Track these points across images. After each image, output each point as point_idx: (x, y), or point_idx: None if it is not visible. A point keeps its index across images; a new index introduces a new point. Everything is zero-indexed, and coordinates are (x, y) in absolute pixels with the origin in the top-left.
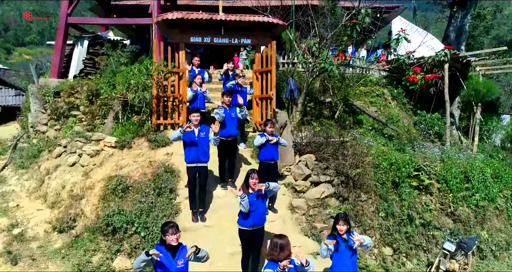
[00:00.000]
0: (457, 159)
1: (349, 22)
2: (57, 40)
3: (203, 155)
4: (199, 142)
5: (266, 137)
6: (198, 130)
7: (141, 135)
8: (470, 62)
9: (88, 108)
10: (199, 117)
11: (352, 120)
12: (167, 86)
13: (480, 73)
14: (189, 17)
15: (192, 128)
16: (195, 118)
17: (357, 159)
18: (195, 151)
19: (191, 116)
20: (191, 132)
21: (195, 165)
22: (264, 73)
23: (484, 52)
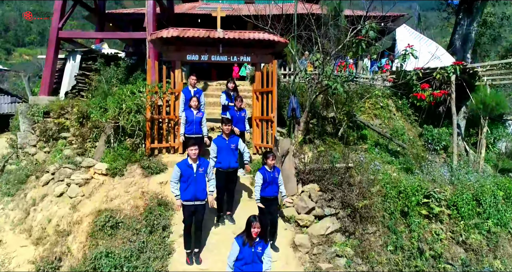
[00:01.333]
0: (467, 181)
1: (354, 39)
2: (48, 55)
3: (201, 192)
4: (197, 179)
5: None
6: (197, 166)
7: (134, 161)
8: (477, 72)
9: (79, 130)
10: (197, 151)
11: (356, 135)
12: (162, 106)
13: (487, 83)
14: (185, 35)
15: (190, 163)
16: (193, 152)
17: (363, 189)
18: (193, 189)
19: (189, 149)
20: (190, 167)
21: (192, 204)
22: (265, 93)
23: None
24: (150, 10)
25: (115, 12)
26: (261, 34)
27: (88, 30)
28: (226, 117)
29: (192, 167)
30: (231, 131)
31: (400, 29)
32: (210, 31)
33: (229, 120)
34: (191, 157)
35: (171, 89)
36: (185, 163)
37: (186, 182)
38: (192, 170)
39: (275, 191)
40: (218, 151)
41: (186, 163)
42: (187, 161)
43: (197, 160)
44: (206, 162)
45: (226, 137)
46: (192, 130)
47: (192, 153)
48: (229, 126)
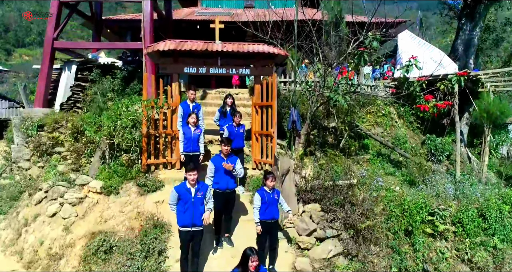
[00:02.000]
0: (472, 195)
1: (356, 50)
2: (43, 66)
3: (199, 218)
4: (195, 203)
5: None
6: (195, 190)
7: (130, 178)
8: (480, 79)
9: (73, 146)
10: (196, 175)
11: (358, 145)
12: (159, 120)
13: (490, 89)
14: (183, 47)
15: (188, 187)
16: (192, 177)
17: (366, 208)
18: (190, 214)
19: (187, 174)
20: (188, 191)
21: (189, 230)
22: (265, 107)
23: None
24: (147, 19)
25: (112, 18)
26: (260, 47)
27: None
28: (226, 137)
29: (190, 192)
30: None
31: (402, 35)
32: (208, 43)
33: (228, 141)
34: (190, 182)
35: (167, 103)
36: (183, 187)
37: (183, 206)
38: (190, 194)
39: (275, 213)
40: (215, 170)
41: (185, 187)
42: (185, 185)
43: (196, 184)
44: (205, 186)
45: (225, 157)
46: (190, 148)
47: (190, 178)
48: (229, 147)
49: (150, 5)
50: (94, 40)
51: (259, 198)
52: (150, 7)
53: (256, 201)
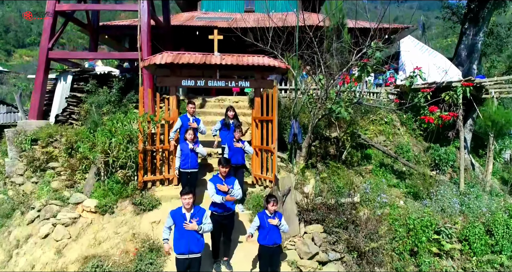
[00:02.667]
0: (477, 209)
1: (359, 62)
2: (37, 76)
3: (195, 244)
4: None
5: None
6: (191, 215)
7: (125, 196)
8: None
9: (68, 162)
10: (191, 199)
11: (360, 155)
12: (156, 134)
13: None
14: (180, 61)
15: (184, 212)
16: (187, 201)
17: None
18: (186, 241)
19: (182, 198)
20: (183, 217)
21: (186, 257)
22: (265, 121)
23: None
24: (145, 29)
25: (110, 24)
26: (260, 59)
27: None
28: (224, 157)
29: (185, 217)
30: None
31: (404, 40)
32: (207, 55)
33: (227, 161)
34: (185, 207)
35: (164, 118)
36: (178, 212)
37: (179, 233)
38: (185, 220)
39: (276, 238)
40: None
41: (180, 212)
42: (181, 210)
43: (192, 208)
44: (202, 211)
45: (223, 178)
46: (187, 165)
47: (185, 202)
48: (227, 168)
49: (147, 14)
50: (91, 48)
51: (257, 221)
52: (147, 16)
53: (254, 223)
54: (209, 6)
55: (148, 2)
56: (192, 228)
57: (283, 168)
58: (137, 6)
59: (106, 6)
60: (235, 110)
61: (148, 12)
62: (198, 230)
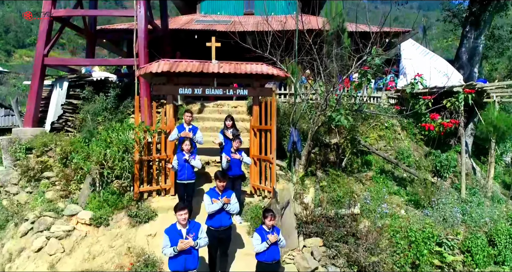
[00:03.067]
0: (479, 218)
1: (360, 69)
2: (33, 83)
3: (192, 261)
4: None
5: (266, 241)
6: (187, 231)
7: (121, 207)
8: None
9: (62, 172)
10: (187, 215)
11: (361, 161)
12: (152, 144)
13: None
14: (177, 69)
15: (179, 228)
16: (183, 217)
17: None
18: (183, 258)
19: (178, 214)
20: (179, 234)
21: None
22: (263, 131)
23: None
24: (142, 35)
25: (108, 28)
26: (258, 67)
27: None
28: (220, 171)
29: (181, 234)
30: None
31: (405, 43)
32: (204, 63)
33: (224, 175)
34: (180, 223)
35: (161, 128)
36: (173, 229)
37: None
38: (181, 236)
39: (275, 254)
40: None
41: (175, 229)
42: (176, 226)
43: (187, 224)
44: (197, 226)
45: (220, 192)
46: (183, 176)
47: (181, 218)
48: (224, 183)
49: (144, 20)
50: (88, 52)
51: (258, 238)
52: (144, 22)
53: (255, 242)
54: (208, 8)
55: (145, 8)
56: (189, 245)
57: (282, 176)
58: (134, 12)
59: (103, 11)
60: (233, 119)
61: (145, 18)
62: (195, 246)
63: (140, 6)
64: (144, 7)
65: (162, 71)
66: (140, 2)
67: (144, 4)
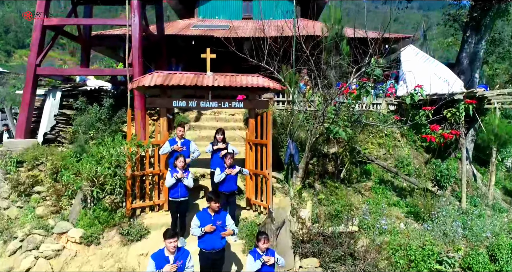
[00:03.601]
0: (480, 232)
1: (358, 81)
2: (25, 93)
3: None
4: None
5: (260, 258)
6: (174, 258)
7: (113, 225)
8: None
9: (53, 187)
10: (176, 242)
11: (360, 171)
12: (145, 158)
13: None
14: (170, 82)
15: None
16: (172, 245)
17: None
18: None
19: (167, 241)
20: (166, 261)
21: None
22: (259, 145)
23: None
24: (136, 44)
25: (103, 34)
26: (254, 79)
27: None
28: (213, 192)
29: (168, 260)
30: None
31: (405, 49)
32: (198, 75)
33: (217, 196)
34: (169, 250)
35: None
36: (161, 255)
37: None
38: (168, 262)
39: None
40: (201, 227)
41: (162, 255)
42: (163, 252)
43: (176, 251)
44: (186, 253)
45: (212, 213)
46: (177, 194)
47: (170, 246)
48: (217, 204)
49: (139, 29)
50: (83, 60)
51: (252, 262)
52: (138, 31)
53: (249, 265)
54: (206, 12)
55: (140, 16)
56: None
57: (279, 189)
58: (128, 20)
59: (97, 20)
60: (224, 133)
61: (140, 26)
62: None
63: (135, 14)
64: (139, 15)
65: (155, 84)
66: (134, 10)
67: (139, 12)
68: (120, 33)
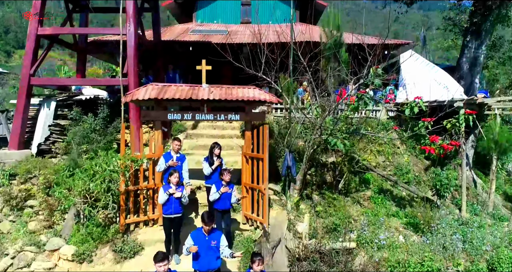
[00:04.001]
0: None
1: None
2: (19, 103)
3: None
4: None
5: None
6: None
7: (106, 241)
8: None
9: (46, 202)
10: (166, 266)
11: (358, 180)
12: (139, 172)
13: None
14: (164, 96)
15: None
16: (162, 268)
17: None
18: None
19: (157, 266)
20: None
21: None
22: (255, 159)
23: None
24: (131, 54)
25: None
26: (250, 92)
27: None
28: (207, 213)
29: None
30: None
31: (404, 55)
32: (194, 88)
33: (210, 217)
34: None
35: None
36: None
37: None
38: None
39: None
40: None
41: None
42: None
43: None
44: None
45: (206, 232)
46: (170, 210)
47: (161, 270)
48: (210, 226)
49: (134, 38)
50: (78, 67)
51: None
52: (134, 40)
53: None
54: (204, 17)
55: (135, 25)
56: None
57: (276, 202)
58: (124, 29)
59: (91, 29)
60: (221, 148)
61: (135, 35)
62: None
63: (130, 23)
64: (134, 24)
65: (149, 98)
66: (130, 19)
67: (134, 21)
68: (117, 39)
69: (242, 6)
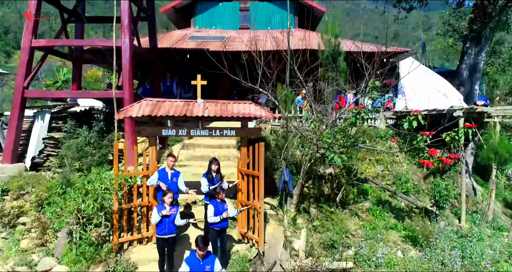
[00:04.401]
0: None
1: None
2: (12, 116)
3: None
4: None
5: None
6: None
7: (99, 261)
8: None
9: (38, 220)
10: None
11: (357, 191)
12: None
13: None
14: (158, 113)
15: None
16: None
17: None
18: None
19: None
20: None
21: None
22: (251, 176)
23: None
24: (126, 66)
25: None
26: (246, 108)
27: None
28: (202, 238)
29: None
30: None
31: (404, 62)
32: (188, 104)
33: (204, 242)
34: None
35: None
36: None
37: None
38: None
39: None
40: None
41: None
42: None
43: None
44: None
45: (201, 257)
46: (164, 230)
47: None
48: (204, 251)
49: (129, 50)
50: (74, 77)
51: None
52: (129, 53)
53: None
54: (202, 23)
55: (131, 37)
56: None
57: (272, 217)
58: (119, 41)
59: (85, 41)
60: (219, 164)
61: (131, 47)
62: None
63: (125, 35)
64: (129, 35)
65: (142, 115)
66: (125, 30)
67: (129, 31)
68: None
69: (241, 12)
